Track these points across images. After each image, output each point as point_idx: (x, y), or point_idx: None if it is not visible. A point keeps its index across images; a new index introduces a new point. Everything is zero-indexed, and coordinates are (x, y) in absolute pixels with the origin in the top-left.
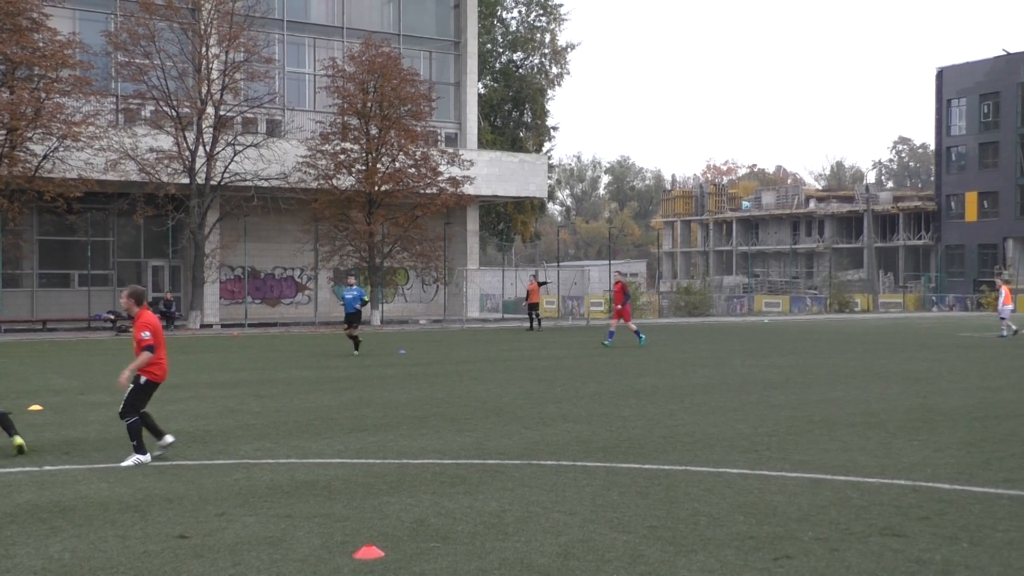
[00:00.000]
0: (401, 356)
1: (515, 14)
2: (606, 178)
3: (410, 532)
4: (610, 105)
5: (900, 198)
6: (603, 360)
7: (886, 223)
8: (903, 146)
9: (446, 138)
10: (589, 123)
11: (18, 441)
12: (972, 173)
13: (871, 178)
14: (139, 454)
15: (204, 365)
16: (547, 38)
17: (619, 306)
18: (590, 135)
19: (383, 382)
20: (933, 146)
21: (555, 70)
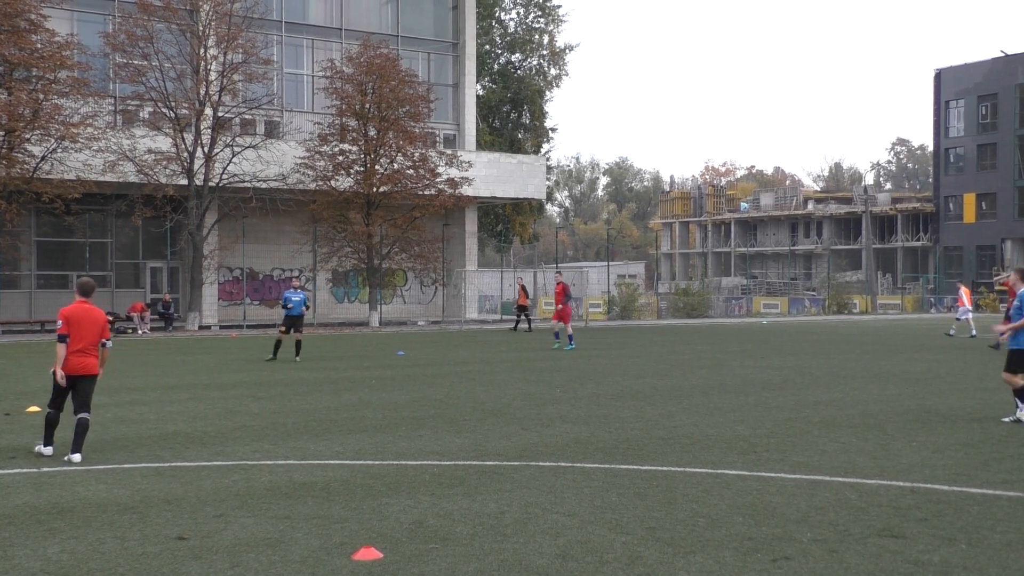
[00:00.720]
0: (399, 357)
1: (513, 15)
2: (604, 179)
3: (409, 533)
4: (608, 106)
5: (898, 199)
6: (602, 361)
7: (884, 224)
8: (901, 147)
9: (444, 139)
10: (587, 124)
11: None
12: (970, 174)
13: (869, 179)
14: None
15: (202, 366)
16: (545, 39)
17: (559, 306)
18: (588, 136)
19: (381, 383)
20: (931, 147)
21: (553, 71)
